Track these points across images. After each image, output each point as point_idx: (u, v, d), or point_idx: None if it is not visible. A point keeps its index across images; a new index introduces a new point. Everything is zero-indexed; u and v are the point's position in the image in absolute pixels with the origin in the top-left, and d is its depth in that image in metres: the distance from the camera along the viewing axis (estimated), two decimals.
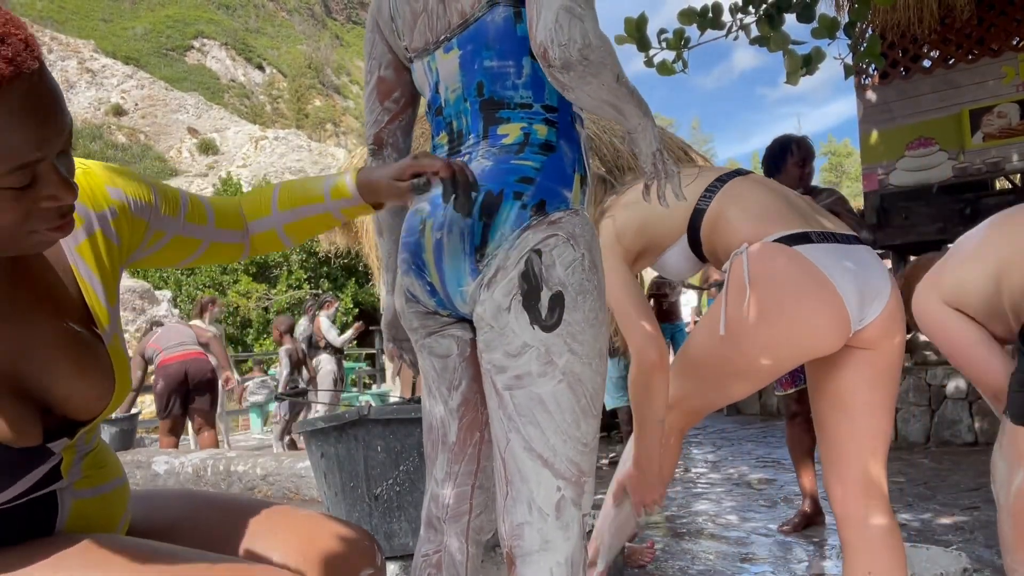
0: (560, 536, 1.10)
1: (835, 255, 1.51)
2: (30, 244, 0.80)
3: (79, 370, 0.88)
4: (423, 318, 1.29)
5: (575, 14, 1.05)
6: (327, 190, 1.14)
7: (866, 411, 1.55)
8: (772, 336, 1.51)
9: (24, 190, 0.75)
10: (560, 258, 1.13)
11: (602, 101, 1.08)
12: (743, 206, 1.64)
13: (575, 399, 1.12)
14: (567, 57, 1.04)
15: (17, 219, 0.76)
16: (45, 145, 0.74)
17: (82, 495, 0.95)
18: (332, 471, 2.54)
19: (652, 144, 1.11)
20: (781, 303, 1.50)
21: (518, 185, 1.16)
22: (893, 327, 1.54)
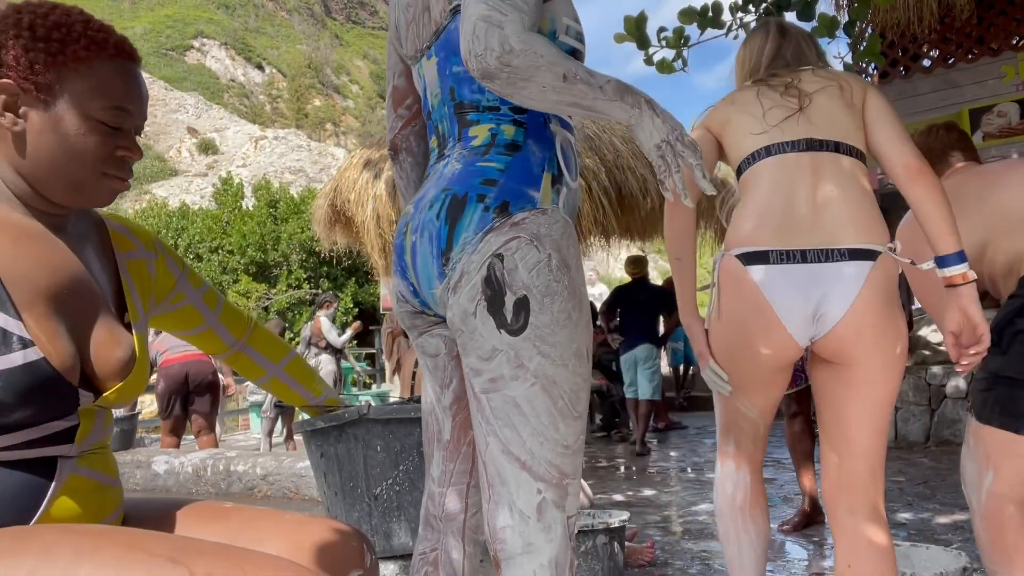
0: (542, 538, 1.10)
1: (784, 278, 1.55)
2: (99, 188, 1.01)
3: (109, 339, 1.01)
4: (412, 318, 1.30)
5: (493, 22, 1.04)
6: (323, 397, 1.46)
7: (845, 422, 1.58)
8: (725, 350, 1.68)
9: (113, 132, 1.00)
10: (523, 261, 1.11)
11: (557, 103, 1.06)
12: (749, 196, 1.65)
13: (551, 401, 1.11)
14: (485, 67, 1.04)
15: (103, 153, 0.99)
16: (136, 104, 1.01)
17: (79, 471, 0.98)
18: (332, 471, 2.54)
19: (654, 136, 1.08)
20: (728, 322, 1.65)
21: (482, 188, 1.15)
22: (852, 343, 1.54)
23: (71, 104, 0.96)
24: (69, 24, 0.98)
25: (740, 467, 1.76)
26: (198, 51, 54.76)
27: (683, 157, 1.08)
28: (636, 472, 5.09)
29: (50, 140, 0.97)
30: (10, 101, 0.95)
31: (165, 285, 1.22)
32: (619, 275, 35.08)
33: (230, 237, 18.43)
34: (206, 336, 1.33)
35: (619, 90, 1.08)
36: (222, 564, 0.84)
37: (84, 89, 0.97)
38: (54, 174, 0.98)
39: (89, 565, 0.82)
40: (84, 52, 0.97)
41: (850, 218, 1.56)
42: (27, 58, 0.95)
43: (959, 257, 1.52)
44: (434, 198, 1.19)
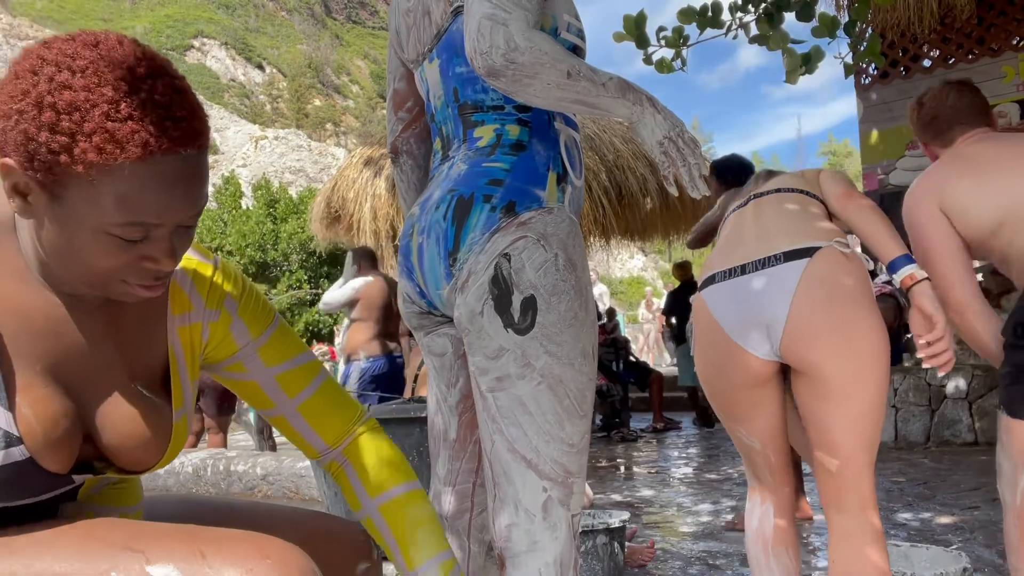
0: (548, 537, 1.10)
1: (727, 294, 1.62)
2: (117, 292, 0.84)
3: (134, 429, 0.92)
4: (419, 318, 1.31)
5: (498, 20, 1.05)
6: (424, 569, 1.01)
7: (827, 434, 1.55)
8: (703, 381, 1.74)
9: (132, 244, 0.79)
10: (530, 260, 1.12)
11: (560, 100, 1.07)
12: (715, 245, 1.81)
13: (557, 400, 1.11)
14: (490, 65, 1.05)
15: (116, 267, 0.80)
16: (168, 215, 0.78)
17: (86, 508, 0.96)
18: None
19: (656, 132, 1.09)
20: (696, 352, 1.74)
21: (487, 188, 1.16)
22: (805, 346, 1.52)
23: (77, 214, 0.76)
24: (87, 108, 0.72)
25: (764, 501, 1.75)
26: (198, 51, 54.74)
27: (683, 152, 1.09)
28: (636, 472, 5.09)
29: (58, 239, 0.79)
30: (18, 184, 0.76)
31: (220, 351, 1.01)
32: (619, 275, 35.09)
33: (229, 237, 18.43)
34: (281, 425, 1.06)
35: (621, 87, 1.08)
36: (180, 547, 0.83)
37: (92, 201, 0.74)
38: (66, 271, 0.82)
39: (47, 557, 0.82)
40: (94, 156, 0.72)
41: (787, 229, 1.62)
42: (27, 148, 0.73)
43: (906, 259, 1.56)
44: (440, 199, 1.19)
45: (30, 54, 0.76)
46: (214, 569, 0.81)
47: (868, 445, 1.54)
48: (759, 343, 1.57)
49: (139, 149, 0.73)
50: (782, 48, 3.13)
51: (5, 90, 0.75)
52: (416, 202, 1.29)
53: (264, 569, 0.82)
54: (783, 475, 1.73)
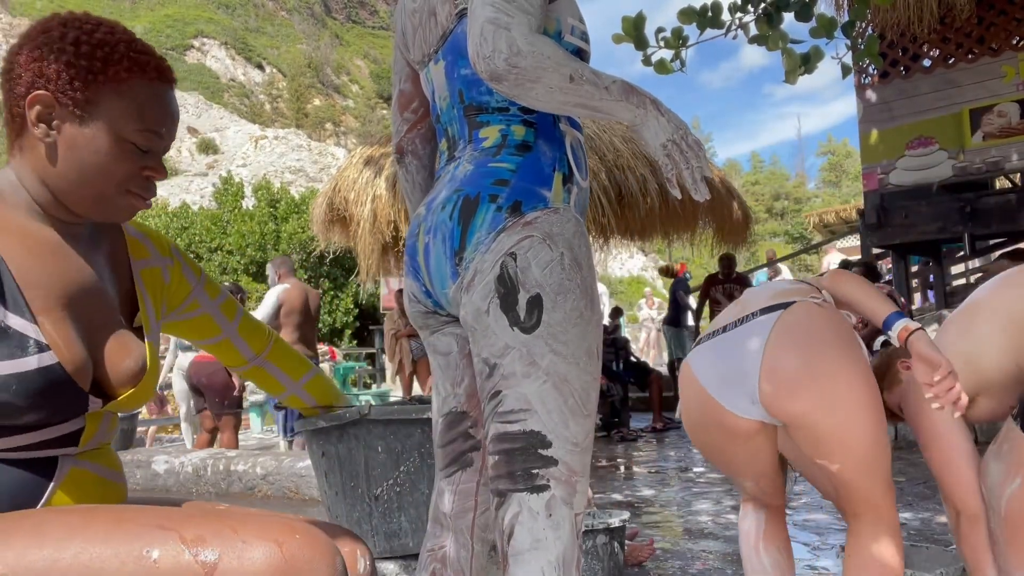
0: (551, 535, 1.10)
1: (708, 354, 1.67)
2: (122, 205, 1.02)
3: (121, 347, 1.03)
4: (424, 317, 1.31)
5: (500, 24, 1.06)
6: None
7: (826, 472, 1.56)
8: (696, 443, 1.77)
9: (142, 154, 1.00)
10: (536, 259, 1.12)
11: (563, 104, 1.07)
12: None
13: (562, 399, 1.11)
14: (493, 69, 1.05)
15: (129, 172, 1.00)
16: (168, 130, 1.02)
17: (80, 465, 0.99)
18: (333, 471, 2.54)
19: (659, 135, 1.09)
20: (686, 414, 1.76)
21: (493, 188, 1.17)
22: (784, 397, 1.51)
23: (106, 123, 0.97)
24: (113, 43, 0.98)
25: (757, 508, 1.81)
26: (198, 51, 54.73)
27: (687, 154, 1.09)
28: (636, 472, 5.10)
29: (80, 155, 0.97)
30: (44, 113, 0.96)
31: (179, 292, 1.22)
32: (618, 275, 35.05)
33: (230, 237, 18.43)
34: (223, 347, 1.33)
35: (624, 90, 1.09)
36: (211, 525, 0.87)
37: (121, 110, 0.97)
38: (79, 187, 0.99)
39: (79, 541, 0.84)
40: (125, 74, 0.97)
41: (770, 293, 1.67)
42: (68, 74, 0.95)
43: (896, 316, 1.57)
44: (446, 199, 1.20)
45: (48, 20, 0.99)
46: (247, 543, 0.85)
47: (878, 471, 1.53)
48: (738, 400, 1.57)
49: (154, 73, 1.00)
50: (781, 48, 3.14)
51: (37, 40, 0.96)
52: (422, 202, 1.30)
53: (296, 543, 0.87)
54: (775, 498, 1.79)
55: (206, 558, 0.84)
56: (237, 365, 1.37)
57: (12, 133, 0.99)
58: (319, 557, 0.87)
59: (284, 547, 0.85)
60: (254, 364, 1.36)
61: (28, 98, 0.95)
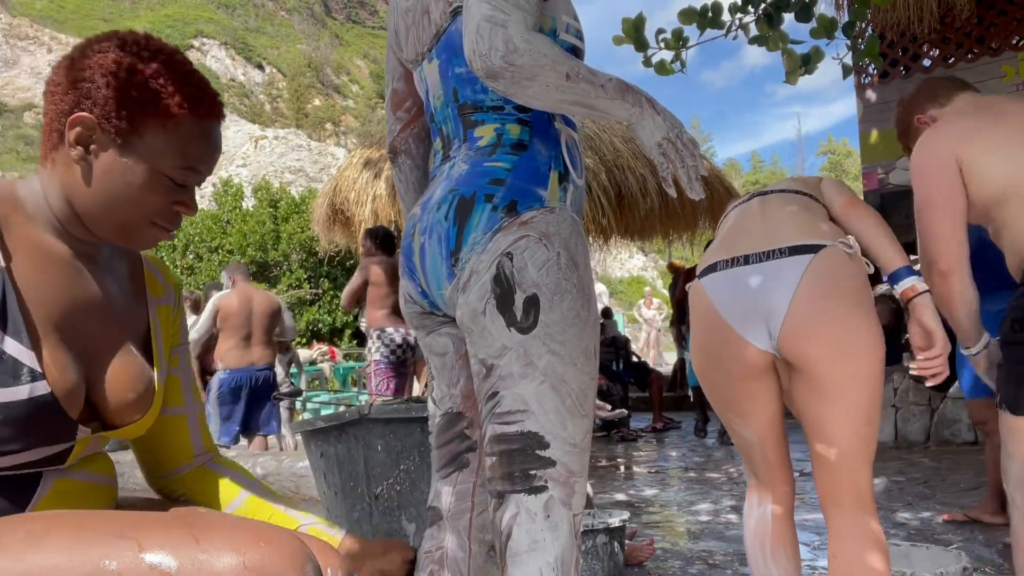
0: (550, 536, 1.09)
1: (729, 283, 1.61)
2: (145, 235, 1.00)
3: (126, 375, 1.00)
4: (421, 318, 1.31)
5: (496, 22, 1.05)
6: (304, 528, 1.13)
7: (823, 430, 1.55)
8: (699, 369, 1.74)
9: (177, 188, 0.98)
10: (532, 259, 1.12)
11: (560, 102, 1.07)
12: (716, 237, 1.80)
13: (559, 399, 1.11)
14: (489, 67, 1.05)
15: (158, 207, 0.98)
16: (207, 167, 1.00)
17: (67, 475, 0.97)
18: (332, 471, 2.54)
19: (654, 134, 1.09)
20: (693, 339, 1.74)
21: (489, 187, 1.16)
22: (803, 340, 1.52)
23: (146, 156, 0.95)
24: (168, 76, 0.95)
25: (762, 500, 1.73)
26: (198, 51, 54.70)
27: (682, 153, 1.09)
28: (636, 472, 5.10)
29: (113, 183, 0.95)
30: (84, 135, 0.93)
31: (172, 339, 1.16)
32: (618, 275, 35.03)
33: (230, 237, 18.43)
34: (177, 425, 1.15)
35: (620, 89, 1.08)
36: (173, 534, 0.84)
37: (163, 145, 0.95)
38: (106, 213, 0.96)
39: (38, 551, 0.82)
40: (177, 109, 0.95)
41: (794, 225, 1.62)
42: (116, 101, 0.92)
43: (907, 271, 1.56)
44: (442, 199, 1.19)
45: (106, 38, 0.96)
46: (208, 554, 0.82)
47: (865, 442, 1.54)
48: (758, 333, 1.57)
49: (205, 110, 0.97)
50: (781, 49, 3.14)
51: (90, 61, 0.93)
52: (417, 203, 1.30)
53: (259, 554, 0.83)
54: (780, 471, 1.72)
55: (165, 568, 0.81)
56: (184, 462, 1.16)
57: (47, 144, 0.97)
58: (285, 567, 0.84)
59: (247, 557, 0.82)
60: (202, 462, 1.18)
61: (71, 118, 0.92)
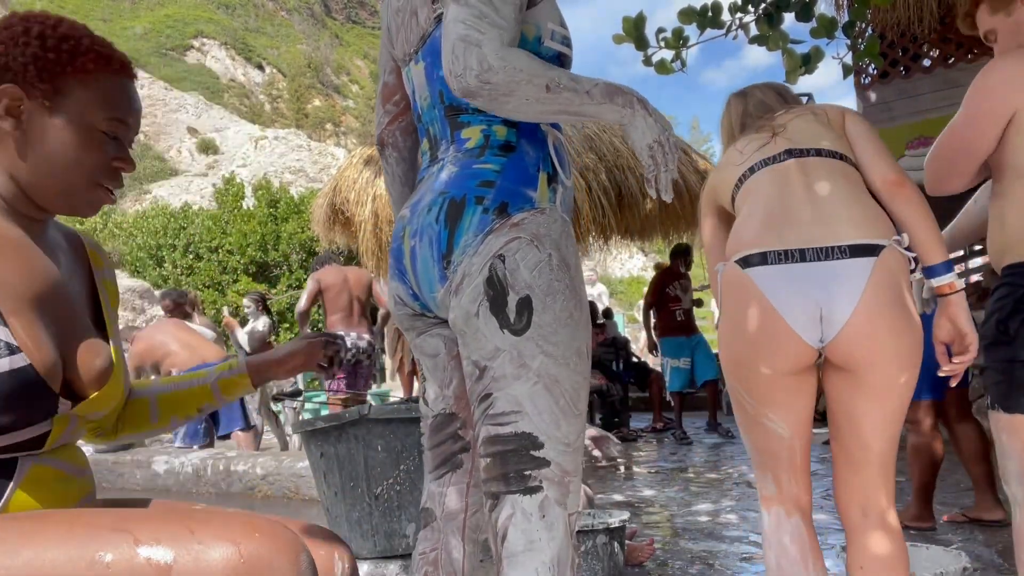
0: (545, 536, 1.10)
1: (783, 278, 1.53)
2: (90, 197, 1.04)
3: (89, 347, 1.03)
4: (412, 320, 1.31)
5: (471, 41, 1.06)
6: (215, 389, 1.26)
7: (861, 430, 1.56)
8: (736, 360, 1.64)
9: (111, 143, 1.03)
10: (524, 261, 1.12)
11: (543, 112, 1.08)
12: (745, 208, 1.67)
13: (553, 400, 1.11)
14: (465, 87, 1.06)
15: (98, 162, 1.02)
16: (129, 120, 1.06)
17: (42, 462, 0.98)
18: (332, 471, 2.54)
19: (645, 136, 1.10)
20: (734, 329, 1.62)
21: (479, 189, 1.17)
22: (860, 348, 1.51)
23: (75, 113, 1.00)
24: (77, 37, 1.02)
25: (790, 514, 1.62)
26: (198, 51, 54.71)
27: (668, 157, 1.10)
28: (636, 472, 5.10)
29: (51, 146, 0.99)
30: (13, 106, 0.97)
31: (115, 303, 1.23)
32: (618, 275, 35.01)
33: (230, 237, 18.43)
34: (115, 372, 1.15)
35: (608, 92, 1.08)
36: (168, 527, 0.85)
37: (88, 100, 1.01)
38: (49, 179, 1.01)
39: (32, 547, 0.83)
40: (91, 64, 1.01)
41: (847, 214, 1.55)
42: (35, 66, 0.98)
43: (946, 267, 1.54)
44: (432, 202, 1.20)
45: (8, 18, 1.01)
46: (203, 544, 0.83)
47: (895, 445, 1.58)
48: (810, 331, 1.53)
49: (117, 64, 1.04)
50: (782, 48, 3.13)
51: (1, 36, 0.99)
52: (406, 204, 1.30)
53: (253, 544, 0.84)
54: (804, 476, 1.65)
55: (160, 560, 0.82)
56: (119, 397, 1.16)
57: None
58: (280, 556, 0.85)
59: (242, 547, 0.83)
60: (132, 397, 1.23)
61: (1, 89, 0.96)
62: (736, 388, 1.67)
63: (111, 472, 5.36)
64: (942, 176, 1.70)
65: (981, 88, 1.66)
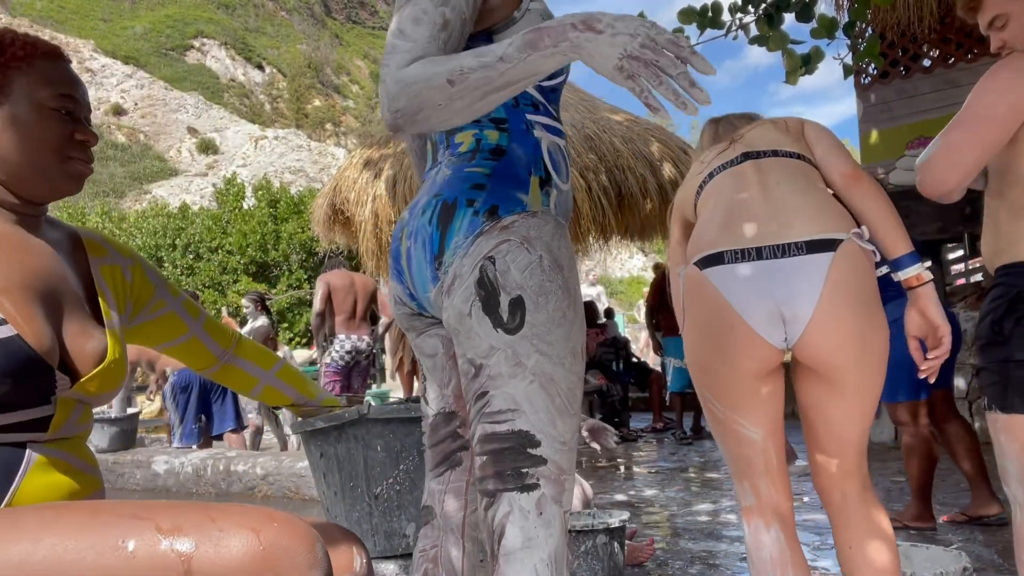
0: (543, 534, 1.10)
1: (741, 278, 1.50)
2: (66, 172, 1.08)
3: (82, 330, 1.06)
4: (411, 319, 1.32)
5: (381, 77, 1.05)
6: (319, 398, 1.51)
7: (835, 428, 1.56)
8: (701, 364, 1.60)
9: (66, 119, 1.07)
10: (515, 263, 1.12)
11: (470, 105, 1.01)
12: (709, 210, 1.65)
13: (549, 399, 1.12)
14: (387, 123, 1.05)
15: (62, 136, 1.06)
16: (78, 96, 1.10)
17: (51, 453, 0.99)
18: (332, 471, 2.54)
19: (607, 58, 0.92)
20: (697, 332, 1.59)
21: (470, 192, 1.17)
22: (825, 348, 1.48)
23: (22, 99, 1.05)
24: (9, 38, 1.08)
25: (769, 524, 1.59)
26: (198, 51, 54.72)
27: (659, 66, 0.90)
28: (636, 472, 5.10)
29: (11, 136, 1.04)
30: None
31: (144, 291, 1.27)
32: (618, 275, 35.04)
33: (230, 237, 18.43)
34: (192, 346, 1.35)
35: (528, 44, 0.95)
36: (188, 515, 0.87)
37: (30, 83, 1.06)
38: (22, 167, 1.05)
39: (54, 534, 0.84)
40: (21, 52, 1.06)
41: (804, 209, 1.53)
42: None
43: (912, 258, 1.51)
44: (426, 204, 1.21)
45: None
46: (224, 532, 0.85)
47: (867, 432, 1.59)
48: (772, 331, 1.50)
49: (46, 48, 1.09)
50: (782, 49, 3.14)
51: None
52: (407, 206, 1.32)
53: (273, 531, 0.87)
54: (782, 480, 1.61)
55: (183, 547, 0.84)
56: (208, 365, 1.39)
57: None
58: (298, 544, 0.87)
59: (262, 535, 0.85)
60: (224, 361, 1.39)
61: None
62: (705, 395, 1.63)
63: (111, 472, 5.36)
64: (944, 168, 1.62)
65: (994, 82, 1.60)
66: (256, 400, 1.46)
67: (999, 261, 1.65)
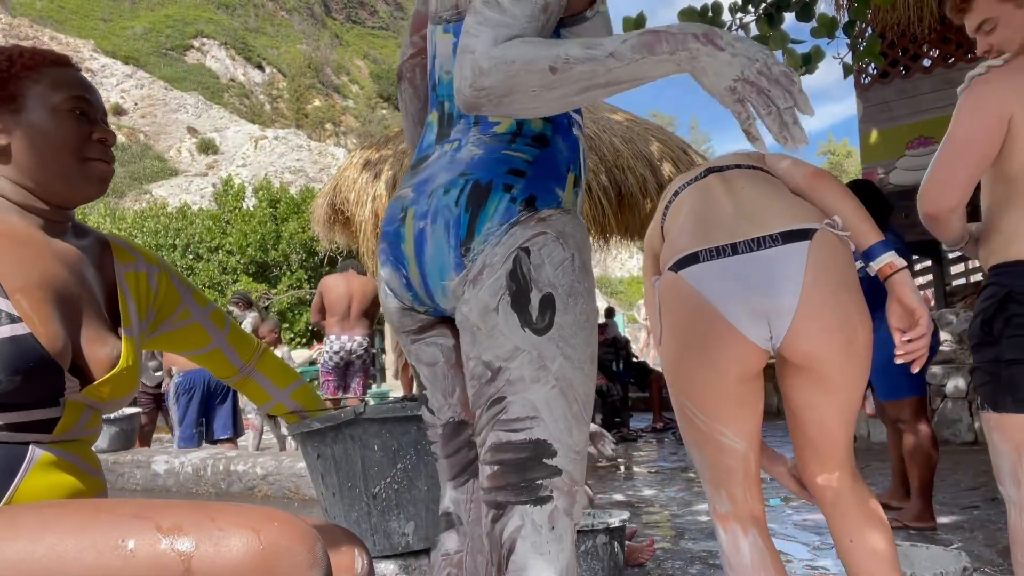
0: (555, 548, 1.05)
1: (719, 274, 1.47)
2: (88, 174, 1.09)
3: (97, 335, 1.06)
4: (401, 315, 1.23)
5: (466, 49, 0.96)
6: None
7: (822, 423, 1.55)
8: (682, 371, 1.55)
9: (83, 119, 1.09)
10: (549, 257, 1.06)
11: (563, 98, 0.94)
12: (679, 224, 1.63)
13: (567, 405, 1.06)
14: (464, 100, 0.96)
15: (80, 137, 1.08)
16: (91, 98, 1.11)
17: (54, 452, 0.99)
18: (329, 471, 2.54)
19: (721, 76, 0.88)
20: (676, 338, 1.54)
21: (508, 177, 1.09)
22: (813, 341, 1.45)
23: (38, 105, 1.07)
24: (6, 50, 1.11)
25: (746, 529, 1.57)
26: (198, 51, 54.71)
27: (769, 96, 0.88)
28: (636, 472, 5.09)
29: (32, 141, 1.06)
30: None
31: (170, 301, 1.28)
32: (618, 275, 35.03)
33: (230, 237, 18.43)
34: (214, 357, 1.37)
35: (645, 44, 0.90)
36: (188, 514, 0.87)
37: (43, 89, 1.08)
38: (45, 171, 1.06)
39: (54, 533, 0.83)
40: (30, 62, 1.09)
41: (772, 207, 1.52)
42: None
43: (883, 246, 1.49)
44: (450, 183, 1.11)
45: None
46: (224, 532, 0.85)
47: (853, 423, 1.59)
48: (755, 328, 1.46)
49: (53, 57, 1.11)
50: (782, 48, 3.13)
51: None
52: (406, 184, 1.21)
53: (272, 531, 0.87)
54: (756, 486, 1.60)
55: (183, 547, 0.84)
56: (227, 375, 1.42)
57: None
58: (298, 544, 0.87)
59: (262, 535, 0.86)
60: (244, 374, 1.42)
61: None
62: (684, 404, 1.57)
63: (111, 472, 5.35)
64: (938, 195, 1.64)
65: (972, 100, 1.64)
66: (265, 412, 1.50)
67: (992, 261, 1.66)
